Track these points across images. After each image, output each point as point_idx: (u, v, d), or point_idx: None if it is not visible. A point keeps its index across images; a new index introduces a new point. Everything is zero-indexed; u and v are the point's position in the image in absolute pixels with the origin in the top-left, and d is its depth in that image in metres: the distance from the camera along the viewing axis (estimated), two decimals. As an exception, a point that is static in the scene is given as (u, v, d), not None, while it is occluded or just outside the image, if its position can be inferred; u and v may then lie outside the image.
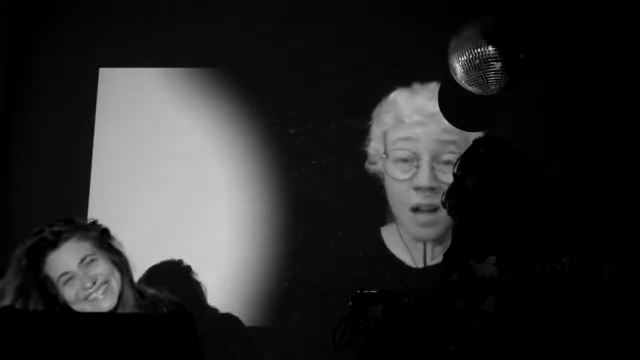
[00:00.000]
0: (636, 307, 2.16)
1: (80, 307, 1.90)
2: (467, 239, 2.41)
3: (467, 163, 2.42)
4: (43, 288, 1.88)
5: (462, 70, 3.07)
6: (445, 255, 2.49)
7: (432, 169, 3.18)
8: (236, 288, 3.54)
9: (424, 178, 3.16)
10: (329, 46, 3.71)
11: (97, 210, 3.65)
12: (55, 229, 1.91)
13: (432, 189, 3.11)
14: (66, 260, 1.88)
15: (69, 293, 1.89)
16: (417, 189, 3.18)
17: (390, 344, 2.17)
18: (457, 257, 2.40)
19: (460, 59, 3.06)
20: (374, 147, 3.46)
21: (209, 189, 3.71)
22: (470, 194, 2.37)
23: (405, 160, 3.27)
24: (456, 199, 2.56)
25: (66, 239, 1.89)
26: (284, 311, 3.53)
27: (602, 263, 2.19)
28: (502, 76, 3.00)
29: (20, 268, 1.88)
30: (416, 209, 3.17)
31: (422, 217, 3.15)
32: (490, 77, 3.00)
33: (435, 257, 3.28)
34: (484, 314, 2.23)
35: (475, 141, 2.55)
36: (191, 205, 3.68)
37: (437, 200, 3.05)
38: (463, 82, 3.15)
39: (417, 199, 3.17)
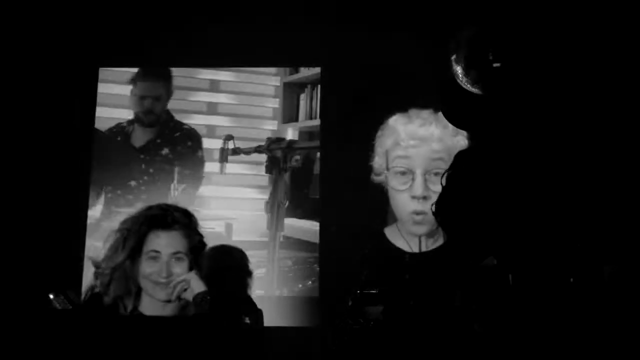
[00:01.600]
0: (637, 306, 2.16)
1: (144, 283, 2.11)
2: (464, 241, 2.41)
3: (452, 178, 2.45)
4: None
5: (463, 70, 3.08)
6: (443, 255, 2.49)
7: (425, 180, 3.66)
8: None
9: (418, 189, 3.66)
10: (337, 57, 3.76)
11: (97, 209, 3.66)
12: (176, 215, 2.15)
13: (424, 198, 3.64)
14: (165, 243, 2.10)
15: (146, 268, 2.11)
16: (413, 197, 3.67)
17: (390, 344, 2.17)
18: (455, 258, 2.40)
19: (460, 59, 3.06)
20: (377, 162, 3.73)
21: (209, 189, 3.72)
22: (458, 206, 2.39)
23: (403, 173, 3.70)
24: (444, 209, 2.58)
25: (177, 229, 2.11)
26: (285, 310, 3.53)
27: (602, 264, 2.19)
28: (502, 76, 3.00)
29: (139, 232, 2.12)
30: (414, 213, 3.69)
31: (417, 217, 3.65)
32: (491, 76, 3.00)
33: (428, 247, 3.63)
34: (484, 314, 2.23)
35: (457, 155, 2.56)
36: (189, 206, 3.68)
37: (429, 205, 3.45)
38: (463, 82, 3.15)
39: (413, 205, 3.65)
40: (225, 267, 2.38)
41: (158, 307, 2.11)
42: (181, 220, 2.16)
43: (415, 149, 3.70)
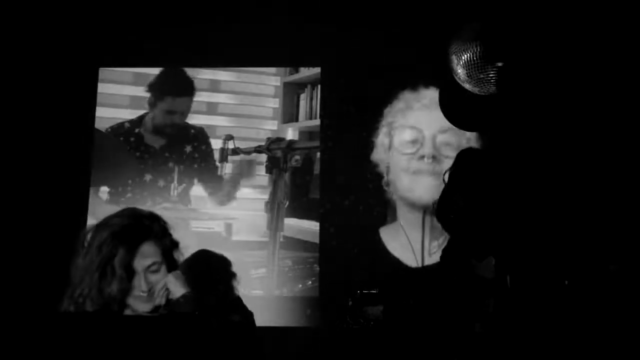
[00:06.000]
0: (637, 306, 2.16)
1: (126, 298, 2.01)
2: (466, 239, 2.41)
3: (453, 178, 2.44)
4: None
5: (463, 70, 3.07)
6: (444, 253, 2.49)
7: (435, 143, 3.57)
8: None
9: (427, 149, 3.57)
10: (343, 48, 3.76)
11: (97, 209, 3.66)
12: (146, 223, 2.04)
13: (434, 157, 3.54)
14: (138, 258, 2.00)
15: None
16: (421, 157, 3.58)
17: (390, 344, 2.17)
18: (456, 256, 2.40)
19: (460, 59, 3.06)
20: (381, 137, 3.67)
21: (209, 189, 3.72)
22: (458, 208, 2.39)
23: (411, 142, 3.63)
24: (447, 210, 2.58)
25: (148, 239, 2.01)
26: (285, 310, 3.53)
27: (607, 263, 2.19)
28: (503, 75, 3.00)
29: (111, 250, 2.00)
30: (417, 172, 3.58)
31: (423, 181, 3.54)
32: (491, 76, 3.00)
33: (432, 252, 3.53)
34: (484, 314, 2.23)
35: (458, 155, 2.55)
36: (189, 207, 3.69)
37: (437, 167, 3.49)
38: (464, 82, 3.15)
39: (418, 165, 3.57)
40: (207, 272, 2.35)
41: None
42: (151, 228, 2.05)
43: (427, 109, 3.58)
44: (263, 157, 3.78)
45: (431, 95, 3.60)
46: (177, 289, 1.97)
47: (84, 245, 2.03)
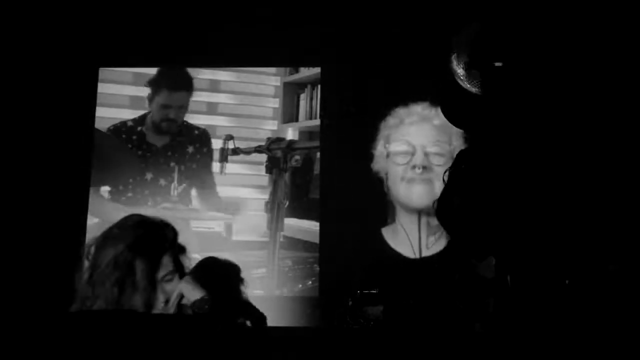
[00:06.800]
0: (637, 305, 2.16)
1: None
2: (465, 239, 2.41)
3: (452, 179, 2.44)
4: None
5: (463, 70, 3.07)
6: (445, 253, 2.49)
7: (425, 154, 3.69)
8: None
9: (418, 159, 3.68)
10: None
11: (99, 208, 3.66)
12: (160, 234, 2.03)
13: (424, 167, 3.65)
14: (159, 273, 2.01)
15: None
16: (413, 167, 3.69)
17: (390, 344, 2.17)
18: (456, 256, 2.40)
19: (461, 59, 3.06)
20: (379, 149, 3.72)
21: (210, 188, 3.72)
22: (457, 208, 2.38)
23: (404, 153, 3.71)
24: (446, 210, 2.58)
25: (164, 254, 2.01)
26: (285, 310, 3.53)
27: (607, 263, 2.19)
28: (503, 75, 3.00)
29: (126, 263, 1.99)
30: (411, 180, 3.70)
31: (416, 189, 3.66)
32: (490, 77, 3.00)
33: (429, 246, 3.57)
34: (484, 314, 2.23)
35: (458, 155, 2.55)
36: (190, 208, 3.69)
37: (428, 175, 3.66)
38: (464, 81, 3.14)
39: (412, 174, 3.68)
40: (215, 278, 2.34)
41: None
42: (166, 237, 2.04)
43: (416, 125, 3.73)
44: (263, 157, 3.78)
45: (419, 112, 3.75)
46: (193, 293, 1.96)
47: (88, 259, 2.01)
